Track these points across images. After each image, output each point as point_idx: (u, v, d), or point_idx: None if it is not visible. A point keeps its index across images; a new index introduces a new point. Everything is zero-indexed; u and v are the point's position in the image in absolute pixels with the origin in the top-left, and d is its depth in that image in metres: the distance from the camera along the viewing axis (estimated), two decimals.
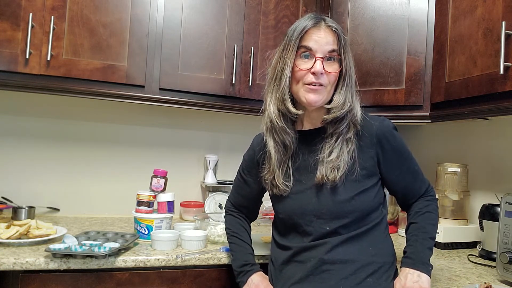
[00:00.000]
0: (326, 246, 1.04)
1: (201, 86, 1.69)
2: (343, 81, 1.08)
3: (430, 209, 1.12)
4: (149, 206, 1.48)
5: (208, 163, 2.00)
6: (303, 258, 1.06)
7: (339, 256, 1.03)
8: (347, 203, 1.04)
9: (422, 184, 1.15)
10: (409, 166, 1.12)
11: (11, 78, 1.46)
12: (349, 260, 1.03)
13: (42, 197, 1.82)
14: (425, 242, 1.07)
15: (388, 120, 1.12)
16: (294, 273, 1.07)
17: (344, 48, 1.07)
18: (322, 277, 1.02)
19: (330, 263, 1.03)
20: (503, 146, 1.61)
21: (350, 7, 1.78)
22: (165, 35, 1.65)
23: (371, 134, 1.08)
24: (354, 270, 1.02)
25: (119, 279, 1.25)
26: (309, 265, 1.04)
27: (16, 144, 1.80)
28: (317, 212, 1.06)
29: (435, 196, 1.17)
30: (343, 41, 1.07)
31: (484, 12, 1.31)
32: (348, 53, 1.09)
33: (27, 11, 1.46)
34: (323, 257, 1.03)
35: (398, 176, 1.12)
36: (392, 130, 1.11)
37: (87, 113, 1.90)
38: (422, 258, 1.04)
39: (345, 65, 1.07)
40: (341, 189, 1.05)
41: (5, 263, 1.13)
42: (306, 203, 1.08)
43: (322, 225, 1.06)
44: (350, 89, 1.08)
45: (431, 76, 1.57)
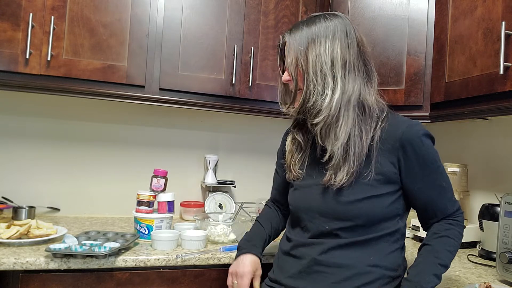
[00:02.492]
0: (322, 247, 1.03)
1: (201, 86, 1.69)
2: (303, 81, 1.05)
3: (451, 234, 1.02)
4: (149, 206, 1.49)
5: (208, 163, 2.00)
6: (299, 254, 1.07)
7: (335, 260, 1.01)
8: (352, 206, 1.01)
9: (449, 204, 1.05)
10: (435, 180, 1.03)
11: (11, 78, 1.47)
12: (344, 265, 1.00)
13: (42, 197, 1.82)
14: (433, 267, 0.96)
15: (420, 125, 1.03)
16: (290, 266, 1.08)
17: (301, 51, 1.04)
18: (314, 277, 1.02)
19: (323, 265, 1.01)
20: (503, 146, 1.61)
21: (350, 7, 1.78)
22: (165, 35, 1.65)
23: (395, 138, 1.02)
24: (348, 277, 0.99)
25: (119, 279, 1.25)
26: (303, 262, 1.04)
27: (16, 144, 1.81)
28: (320, 210, 1.05)
29: (461, 222, 1.05)
30: (292, 46, 1.06)
31: (484, 12, 1.31)
32: (309, 51, 1.04)
33: (27, 11, 1.46)
34: (316, 257, 1.02)
35: (420, 189, 1.03)
36: (422, 137, 1.01)
37: (87, 113, 1.90)
38: (424, 283, 0.94)
39: (302, 66, 1.04)
40: (348, 191, 1.02)
41: (6, 263, 1.13)
42: (311, 198, 1.07)
43: (323, 223, 1.04)
44: (310, 85, 1.03)
45: (431, 76, 1.57)
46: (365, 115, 1.04)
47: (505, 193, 1.26)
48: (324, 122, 1.02)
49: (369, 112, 1.05)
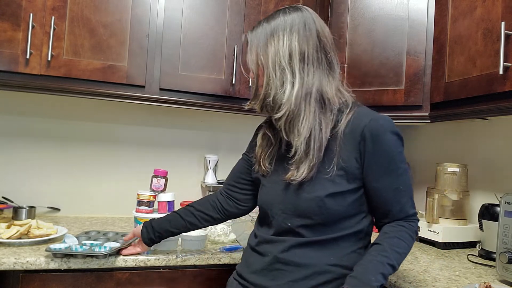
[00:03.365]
0: (284, 245, 1.02)
1: (201, 86, 1.69)
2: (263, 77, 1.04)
3: (402, 236, 0.97)
4: (149, 206, 1.49)
5: (208, 163, 2.00)
6: (262, 250, 1.07)
7: (294, 258, 1.00)
8: (312, 202, 0.99)
9: (404, 208, 1.00)
10: (392, 182, 0.98)
11: (12, 78, 1.47)
12: (303, 264, 0.99)
13: (42, 197, 1.82)
14: (380, 266, 0.91)
15: (386, 120, 1.00)
16: (254, 262, 1.08)
17: (261, 46, 1.04)
18: (274, 274, 1.02)
19: (283, 263, 1.01)
20: (502, 146, 1.62)
21: (349, 7, 1.79)
22: (165, 35, 1.65)
23: (358, 131, 0.98)
24: (306, 275, 0.99)
25: (119, 279, 1.25)
26: (266, 259, 1.05)
27: (17, 144, 1.81)
28: (282, 206, 1.04)
29: (415, 228, 1.00)
30: (251, 44, 1.06)
31: (483, 13, 1.32)
32: (268, 47, 1.03)
33: (27, 12, 1.46)
34: (278, 255, 1.02)
35: (375, 189, 0.99)
36: (386, 132, 0.98)
37: (87, 113, 1.90)
38: (369, 281, 0.89)
39: (263, 62, 1.03)
40: (309, 187, 1.00)
41: (6, 263, 1.14)
42: (274, 195, 1.07)
43: (285, 220, 1.03)
44: (268, 80, 1.02)
45: (430, 76, 1.57)
46: (325, 108, 1.01)
47: (505, 193, 1.26)
48: (286, 117, 1.01)
49: (329, 105, 1.02)
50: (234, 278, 1.15)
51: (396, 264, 0.93)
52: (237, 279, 1.13)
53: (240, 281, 1.11)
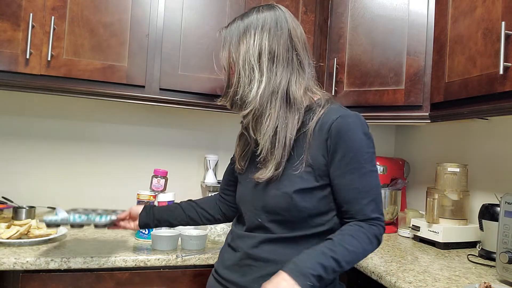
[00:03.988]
0: (254, 240, 1.03)
1: (201, 86, 1.69)
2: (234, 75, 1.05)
3: (357, 235, 0.94)
4: None
5: (208, 163, 2.00)
6: (235, 246, 1.08)
7: (264, 254, 1.01)
8: (281, 199, 0.99)
9: (364, 211, 0.96)
10: (354, 181, 0.96)
11: (12, 78, 1.47)
12: (272, 260, 1.00)
13: (42, 197, 1.82)
14: (322, 257, 0.89)
15: (356, 118, 0.98)
16: (227, 258, 1.10)
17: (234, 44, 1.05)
18: (244, 270, 1.03)
19: (253, 259, 1.02)
20: (502, 146, 1.62)
21: (349, 7, 1.78)
22: (165, 35, 1.65)
23: (325, 128, 0.98)
24: (274, 272, 0.96)
25: (119, 279, 1.25)
26: (238, 254, 1.06)
27: (16, 144, 1.81)
28: (253, 203, 1.06)
29: (376, 231, 0.96)
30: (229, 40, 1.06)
31: (483, 13, 1.32)
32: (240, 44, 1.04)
33: (27, 11, 1.46)
34: (248, 251, 1.03)
35: (337, 185, 0.98)
36: (353, 130, 0.96)
37: (87, 113, 1.90)
38: (305, 269, 0.87)
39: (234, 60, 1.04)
40: (278, 183, 1.00)
41: (6, 263, 1.14)
42: (247, 191, 1.08)
43: (255, 216, 1.05)
44: (237, 77, 1.03)
45: (430, 76, 1.57)
46: (292, 108, 1.01)
47: (505, 193, 1.26)
48: (251, 115, 1.01)
49: (296, 105, 1.01)
50: (212, 274, 1.17)
51: (341, 260, 0.90)
52: (213, 274, 1.15)
53: (215, 277, 1.13)
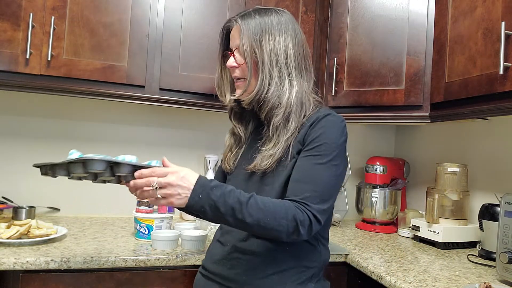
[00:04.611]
0: (243, 234, 1.04)
1: (201, 86, 1.69)
2: (256, 70, 1.06)
3: (277, 203, 0.92)
4: (149, 206, 1.49)
5: (208, 163, 2.00)
6: (223, 240, 1.10)
7: (252, 248, 1.03)
8: (273, 193, 1.01)
9: (300, 193, 0.95)
10: (309, 166, 0.98)
11: (12, 78, 1.47)
12: (259, 253, 1.02)
13: (42, 197, 1.82)
14: (232, 194, 0.89)
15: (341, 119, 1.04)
16: (215, 252, 1.11)
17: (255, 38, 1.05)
18: (232, 263, 1.05)
19: (241, 252, 1.04)
20: (502, 146, 1.62)
21: (349, 7, 1.78)
22: (165, 35, 1.65)
23: (308, 125, 1.03)
24: (261, 264, 1.01)
25: (119, 279, 1.25)
26: (226, 249, 1.07)
27: (16, 144, 1.81)
28: None
29: (299, 214, 0.91)
30: (246, 32, 1.05)
31: (483, 13, 1.32)
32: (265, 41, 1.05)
33: (27, 11, 1.46)
34: (236, 245, 1.05)
35: (297, 165, 1.00)
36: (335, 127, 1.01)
37: (87, 113, 1.90)
38: (210, 191, 0.88)
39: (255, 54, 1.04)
40: (270, 178, 1.04)
41: (6, 263, 1.14)
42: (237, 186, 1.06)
43: None
44: (267, 74, 1.05)
45: (430, 76, 1.57)
46: (302, 112, 1.06)
47: (505, 193, 1.27)
48: (283, 116, 1.04)
49: (305, 109, 1.06)
50: (199, 271, 1.17)
51: (244, 207, 0.88)
52: (201, 271, 1.16)
53: (203, 273, 1.13)
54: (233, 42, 1.10)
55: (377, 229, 1.89)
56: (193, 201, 0.88)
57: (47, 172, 1.00)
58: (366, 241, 1.67)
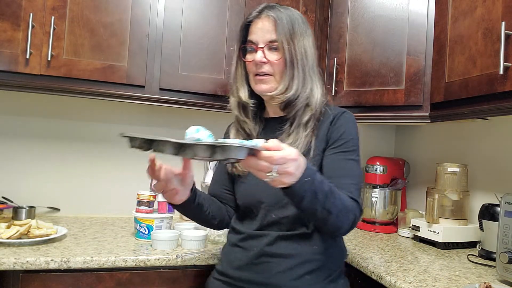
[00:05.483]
0: (269, 238, 1.04)
1: (201, 86, 1.69)
2: (287, 67, 1.06)
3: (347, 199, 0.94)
4: (149, 206, 1.49)
5: (208, 163, 2.00)
6: (247, 246, 1.08)
7: (280, 250, 1.03)
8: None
9: (350, 188, 0.98)
10: (342, 162, 1.01)
11: (12, 78, 1.47)
12: (289, 254, 1.02)
13: (42, 197, 1.82)
14: (324, 181, 0.87)
15: (349, 112, 1.10)
16: (237, 258, 1.09)
17: (286, 34, 1.05)
18: (261, 268, 1.03)
19: (270, 256, 1.03)
20: (503, 146, 1.61)
21: (350, 7, 1.78)
22: (165, 35, 1.65)
23: (327, 123, 1.07)
24: (293, 265, 1.01)
25: (119, 279, 1.25)
26: (251, 253, 1.06)
27: (16, 144, 1.81)
28: (265, 199, 1.06)
29: (356, 210, 0.96)
30: (282, 28, 1.05)
31: (483, 13, 1.32)
32: (297, 37, 1.06)
33: (27, 11, 1.46)
34: (264, 249, 1.04)
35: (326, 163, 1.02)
36: (351, 124, 1.07)
37: (88, 113, 1.90)
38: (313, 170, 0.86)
39: (288, 51, 1.05)
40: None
41: (6, 263, 1.13)
42: (257, 189, 1.08)
43: (269, 212, 1.06)
44: (301, 74, 1.06)
45: (430, 76, 1.57)
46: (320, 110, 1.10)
47: (505, 193, 1.26)
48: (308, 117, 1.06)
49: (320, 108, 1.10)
50: (215, 278, 1.14)
51: (332, 196, 0.88)
52: (219, 278, 1.13)
53: (223, 280, 1.11)
54: (260, 36, 1.07)
55: (377, 229, 1.89)
56: (300, 181, 0.81)
57: (142, 146, 0.91)
58: (366, 241, 1.67)
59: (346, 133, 1.05)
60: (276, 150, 0.76)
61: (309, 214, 0.91)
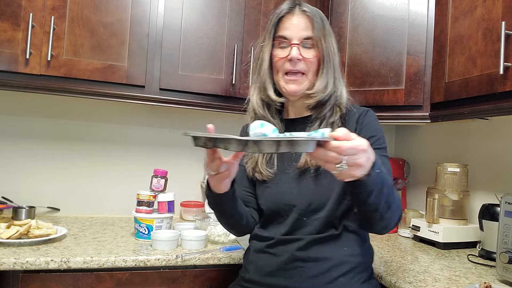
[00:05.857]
0: (300, 243, 1.02)
1: (201, 86, 1.69)
2: (323, 66, 1.05)
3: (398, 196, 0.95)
4: (149, 206, 1.49)
5: None
6: (277, 251, 1.05)
7: (312, 254, 1.01)
8: (333, 195, 1.01)
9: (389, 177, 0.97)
10: (380, 153, 0.96)
11: (12, 78, 1.47)
12: (321, 258, 1.01)
13: (42, 197, 1.82)
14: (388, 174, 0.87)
15: (370, 110, 1.11)
16: (266, 264, 1.06)
17: (321, 31, 1.04)
18: (292, 273, 1.01)
19: (302, 260, 1.01)
20: (503, 146, 1.61)
21: (350, 7, 1.78)
22: (165, 35, 1.65)
23: (353, 121, 1.06)
24: (326, 269, 1.00)
25: (119, 279, 1.25)
26: (281, 259, 1.03)
27: (16, 144, 1.80)
28: (296, 202, 1.04)
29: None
30: (318, 25, 1.04)
31: (483, 12, 1.31)
32: (328, 36, 1.06)
33: (27, 11, 1.46)
34: (295, 253, 1.02)
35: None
36: (369, 112, 1.09)
37: (87, 113, 1.90)
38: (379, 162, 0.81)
39: (324, 49, 1.04)
40: (324, 179, 1.02)
41: (6, 263, 1.13)
42: (286, 192, 1.06)
43: (300, 216, 1.04)
44: (332, 73, 1.06)
45: (430, 76, 1.57)
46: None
47: (505, 193, 1.26)
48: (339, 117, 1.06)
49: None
50: (243, 286, 1.11)
51: (393, 190, 0.88)
52: (247, 286, 1.09)
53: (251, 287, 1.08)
54: (295, 32, 1.04)
55: None
56: (372, 175, 0.77)
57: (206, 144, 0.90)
58: None
59: (376, 130, 1.05)
60: (345, 140, 0.71)
61: (370, 210, 0.86)
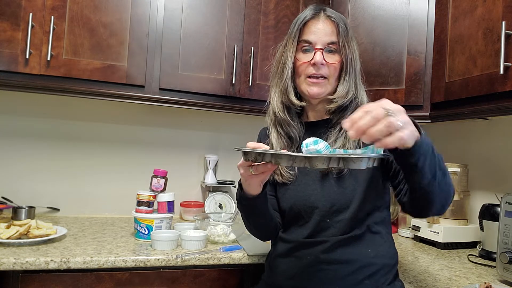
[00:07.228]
0: (324, 245, 1.01)
1: (201, 86, 1.69)
2: (346, 71, 1.06)
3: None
4: (149, 206, 1.49)
5: (208, 163, 2.00)
6: (300, 254, 1.04)
7: (337, 257, 1.00)
8: (354, 193, 1.02)
9: None
10: None
11: (11, 78, 1.46)
12: (346, 260, 1.00)
13: (42, 197, 1.82)
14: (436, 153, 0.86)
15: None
16: (289, 268, 1.05)
17: (345, 37, 1.06)
18: (317, 276, 1.01)
19: (326, 263, 1.00)
20: (503, 146, 1.61)
21: (350, 7, 1.78)
22: (165, 35, 1.65)
23: None
24: (351, 271, 0.99)
25: (119, 279, 1.25)
26: (305, 262, 1.02)
27: (17, 144, 1.80)
28: (319, 203, 1.04)
29: None
30: (343, 31, 1.05)
31: (484, 12, 1.31)
32: (351, 41, 1.07)
33: (27, 11, 1.46)
34: (320, 256, 1.01)
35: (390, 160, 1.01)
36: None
37: (87, 113, 1.90)
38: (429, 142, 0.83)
39: (347, 55, 1.05)
40: (348, 180, 1.02)
41: (5, 263, 1.13)
42: (309, 193, 1.05)
43: (323, 217, 1.03)
44: (354, 78, 1.07)
45: (431, 76, 1.57)
46: None
47: (505, 193, 1.26)
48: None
49: None
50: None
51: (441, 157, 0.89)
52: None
53: None
54: (320, 37, 1.05)
55: None
56: (423, 137, 0.79)
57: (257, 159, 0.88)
58: None
59: None
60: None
61: (428, 180, 0.84)
